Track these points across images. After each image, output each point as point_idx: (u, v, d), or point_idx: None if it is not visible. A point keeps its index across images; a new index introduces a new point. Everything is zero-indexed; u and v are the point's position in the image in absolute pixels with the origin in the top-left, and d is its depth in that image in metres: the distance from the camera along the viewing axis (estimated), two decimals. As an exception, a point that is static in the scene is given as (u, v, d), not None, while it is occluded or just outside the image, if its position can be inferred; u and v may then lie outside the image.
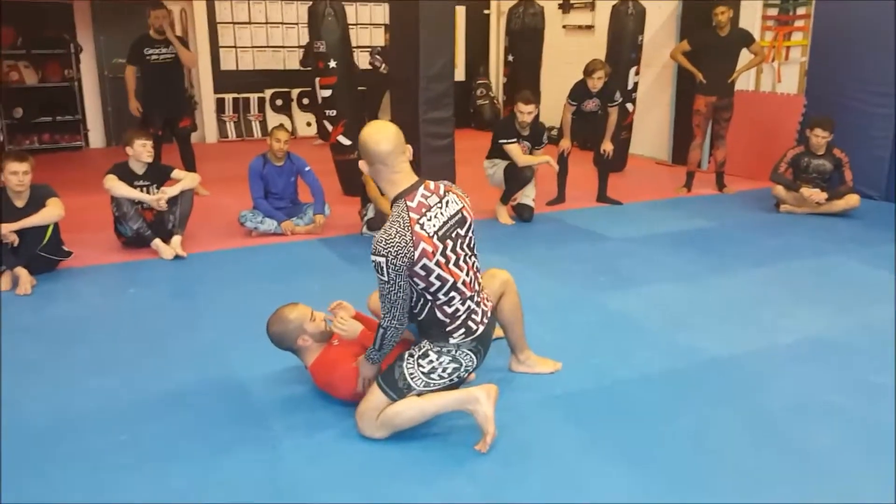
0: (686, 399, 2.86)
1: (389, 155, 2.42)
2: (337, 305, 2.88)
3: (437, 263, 2.41)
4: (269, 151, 5.16)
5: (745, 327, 3.56)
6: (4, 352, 3.28)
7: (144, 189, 4.74)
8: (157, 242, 4.67)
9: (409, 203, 2.41)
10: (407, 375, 2.48)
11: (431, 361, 2.49)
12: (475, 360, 2.56)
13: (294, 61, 9.84)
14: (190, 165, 6.23)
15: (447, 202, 2.49)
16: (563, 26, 9.39)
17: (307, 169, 5.25)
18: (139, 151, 4.67)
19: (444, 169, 5.29)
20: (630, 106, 7.33)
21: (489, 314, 2.62)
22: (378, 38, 9.67)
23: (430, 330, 2.53)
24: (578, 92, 5.97)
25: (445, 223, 2.46)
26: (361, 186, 5.23)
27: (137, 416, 2.73)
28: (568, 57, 8.52)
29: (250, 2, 9.57)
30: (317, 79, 6.18)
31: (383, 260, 2.35)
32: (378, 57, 8.04)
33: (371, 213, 5.11)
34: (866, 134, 6.16)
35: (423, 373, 2.48)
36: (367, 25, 10.13)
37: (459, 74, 10.02)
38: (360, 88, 6.79)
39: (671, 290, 4.11)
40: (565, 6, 9.34)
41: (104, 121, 9.13)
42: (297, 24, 9.75)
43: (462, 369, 2.53)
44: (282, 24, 9.80)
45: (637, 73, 7.33)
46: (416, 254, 2.37)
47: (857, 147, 5.97)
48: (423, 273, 2.41)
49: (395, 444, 2.49)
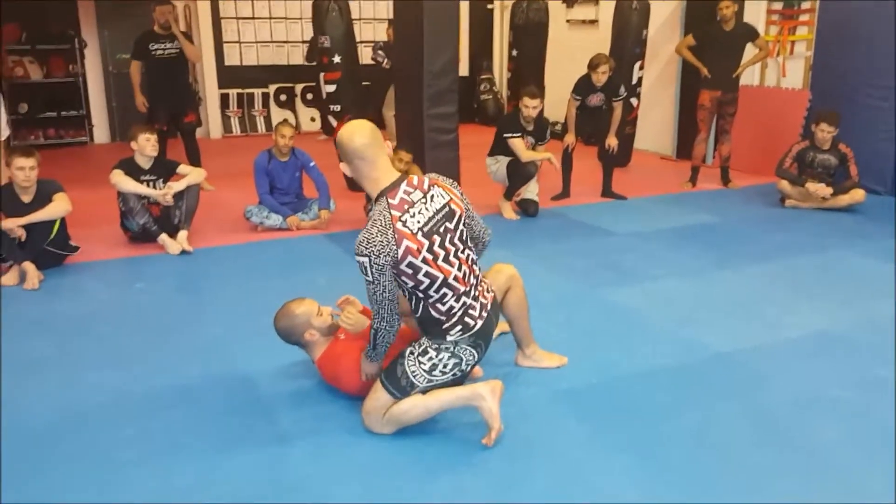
0: (691, 394, 2.87)
1: (367, 148, 2.38)
2: (344, 300, 2.90)
3: (424, 260, 2.39)
4: (274, 147, 5.16)
5: (750, 322, 3.57)
6: (12, 346, 3.30)
7: (150, 184, 4.76)
8: (164, 237, 4.69)
9: (390, 200, 2.38)
10: (409, 373, 2.48)
11: (431, 358, 2.48)
12: (476, 355, 2.55)
13: (298, 56, 9.85)
14: (195, 161, 6.25)
15: (432, 196, 2.45)
16: (567, 21, 9.37)
17: (312, 164, 5.26)
18: (143, 145, 4.69)
19: (449, 164, 5.28)
20: (634, 101, 7.32)
21: (489, 307, 2.58)
22: (382, 34, 9.67)
23: (427, 327, 2.52)
24: (583, 87, 5.97)
25: (431, 218, 2.42)
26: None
27: (144, 410, 2.74)
28: (572, 52, 8.50)
29: (254, -3, 9.60)
30: (321, 74, 6.20)
31: (366, 260, 2.34)
32: (381, 52, 8.03)
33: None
34: (872, 129, 6.15)
35: (424, 370, 2.48)
36: (371, 20, 10.13)
37: (463, 69, 10.02)
38: (364, 83, 6.79)
39: (676, 285, 4.11)
40: (569, 1, 9.33)
41: (109, 116, 9.16)
42: (300, 19, 9.76)
43: (463, 364, 2.52)
44: (285, 19, 9.81)
45: (641, 68, 7.32)
46: (400, 252, 2.34)
47: (862, 142, 5.95)
48: (409, 271, 2.39)
49: (402, 439, 2.50)
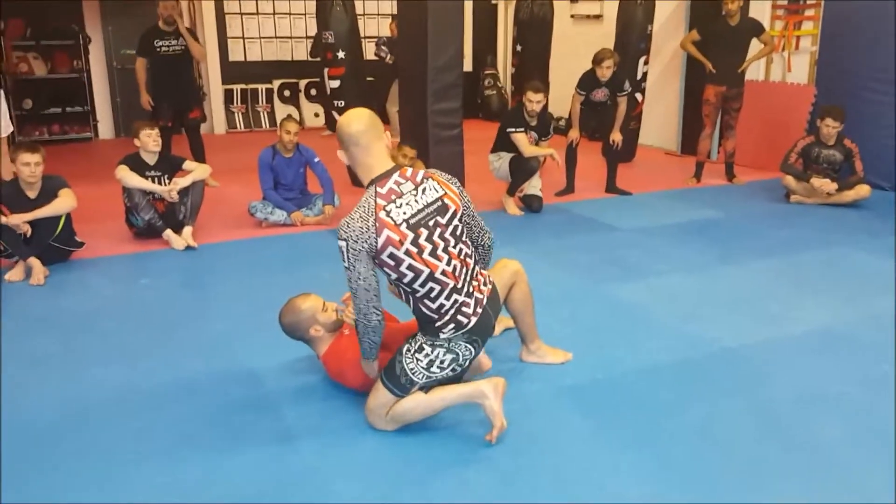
0: (695, 390, 2.87)
1: (362, 134, 2.38)
2: (350, 297, 2.90)
3: (408, 253, 2.35)
4: (279, 143, 5.17)
5: (755, 318, 3.57)
6: (17, 342, 3.32)
7: (156, 180, 4.76)
8: (169, 233, 4.70)
9: (378, 189, 2.37)
10: (408, 370, 2.47)
11: (427, 355, 2.47)
12: (472, 351, 2.52)
13: (302, 52, 9.85)
14: (199, 156, 6.25)
15: (424, 189, 2.42)
16: (572, 16, 9.35)
17: (316, 160, 5.26)
18: (146, 142, 4.69)
19: (453, 159, 5.29)
20: (639, 96, 7.31)
21: (485, 302, 2.55)
22: (386, 29, 9.66)
23: (422, 324, 2.52)
24: (587, 82, 5.96)
25: (420, 211, 2.38)
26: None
27: (149, 405, 2.75)
28: (576, 47, 8.49)
29: (258, -8, 9.59)
30: (325, 69, 6.19)
31: (343, 244, 2.33)
32: (384, 48, 8.03)
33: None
34: (877, 124, 6.13)
35: (422, 367, 2.47)
36: (375, 16, 10.11)
37: (467, 65, 9.97)
38: (368, 79, 6.79)
39: (680, 280, 4.11)
40: (574, -5, 9.31)
41: (113, 112, 9.16)
42: (304, 14, 9.75)
43: (460, 359, 2.50)
44: (289, 14, 9.81)
45: (646, 63, 7.30)
46: (380, 241, 2.32)
47: (868, 137, 5.94)
48: (391, 263, 2.36)
49: (407, 435, 2.51)
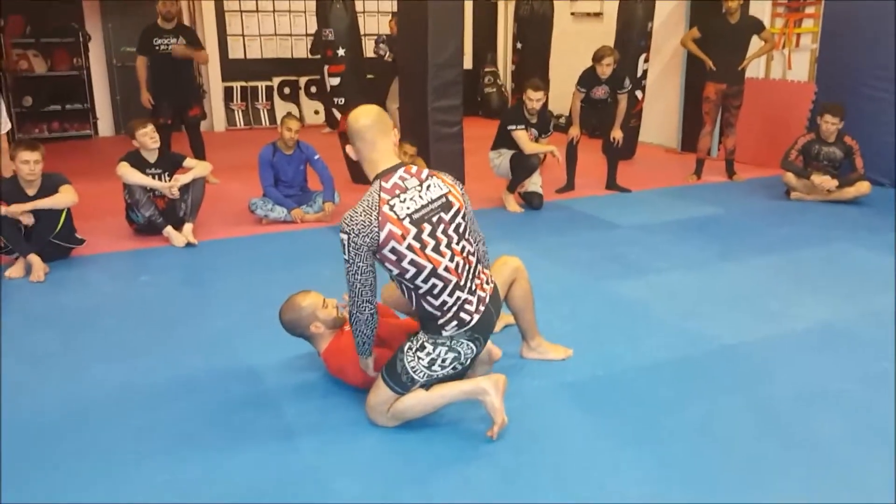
0: (695, 387, 2.87)
1: (367, 130, 2.40)
2: None
3: (410, 248, 2.35)
4: (280, 140, 5.16)
5: (755, 315, 3.57)
6: (17, 339, 3.32)
7: (156, 177, 4.76)
8: (169, 230, 4.70)
9: (383, 184, 2.38)
10: (409, 368, 2.47)
11: (429, 353, 2.46)
12: (474, 349, 2.52)
13: (301, 49, 9.84)
14: (199, 154, 6.25)
15: (428, 186, 2.44)
16: (572, 13, 9.34)
17: (316, 157, 5.26)
18: (143, 141, 4.69)
19: (453, 157, 5.29)
20: (639, 93, 7.30)
21: (487, 300, 2.55)
22: (386, 26, 9.65)
23: (424, 322, 2.51)
24: (587, 79, 5.95)
25: (424, 206, 2.39)
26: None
27: (150, 402, 2.75)
28: (576, 44, 8.48)
29: (258, -10, 9.59)
30: (325, 67, 6.18)
31: (345, 237, 2.34)
32: (383, 45, 8.02)
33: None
34: (878, 121, 6.12)
35: (423, 365, 2.46)
36: (375, 13, 10.10)
37: (467, 62, 9.95)
38: (368, 76, 6.78)
39: (681, 277, 4.11)
40: (574, -7, 9.31)
41: (113, 109, 9.16)
42: (304, 11, 9.74)
43: (462, 357, 2.50)
44: (289, 11, 9.80)
45: (646, 61, 7.29)
46: (382, 235, 2.32)
47: (868, 135, 5.93)
48: (393, 257, 2.36)
49: (408, 432, 2.51)
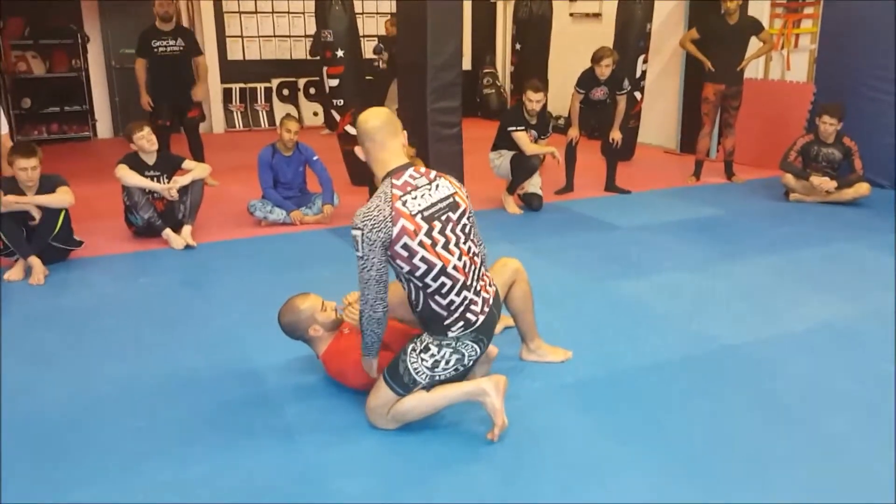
0: (698, 387, 2.87)
1: (377, 130, 2.42)
2: (357, 300, 2.88)
3: (421, 244, 2.36)
4: (279, 141, 5.16)
5: (756, 315, 3.57)
6: (18, 341, 3.31)
7: (155, 179, 4.75)
8: (168, 232, 4.69)
9: (394, 181, 2.40)
10: (411, 370, 2.47)
11: (433, 355, 2.46)
12: (478, 350, 2.53)
13: (300, 51, 9.84)
14: (198, 156, 6.25)
15: (437, 185, 2.46)
16: (571, 14, 9.35)
17: (315, 158, 5.25)
18: (141, 144, 4.68)
19: (453, 158, 5.28)
20: (638, 94, 7.30)
21: (491, 301, 2.57)
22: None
23: (429, 323, 2.50)
24: (586, 80, 5.96)
25: (433, 205, 2.42)
26: (370, 176, 5.22)
27: (151, 404, 2.75)
28: (575, 45, 8.48)
29: (256, -9, 9.59)
30: (324, 68, 6.18)
31: (359, 233, 2.34)
32: (378, 55, 8.07)
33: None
34: (877, 122, 6.13)
35: (426, 367, 2.46)
36: (374, 14, 10.10)
37: (466, 63, 9.98)
38: (367, 78, 6.78)
39: (681, 278, 4.11)
40: (572, -6, 9.31)
41: (111, 111, 9.16)
42: (303, 13, 9.74)
43: (465, 359, 2.51)
44: (288, 13, 9.80)
45: (645, 62, 7.30)
46: (395, 231, 2.34)
47: (867, 136, 5.93)
48: (405, 254, 2.37)
49: (408, 433, 2.51)
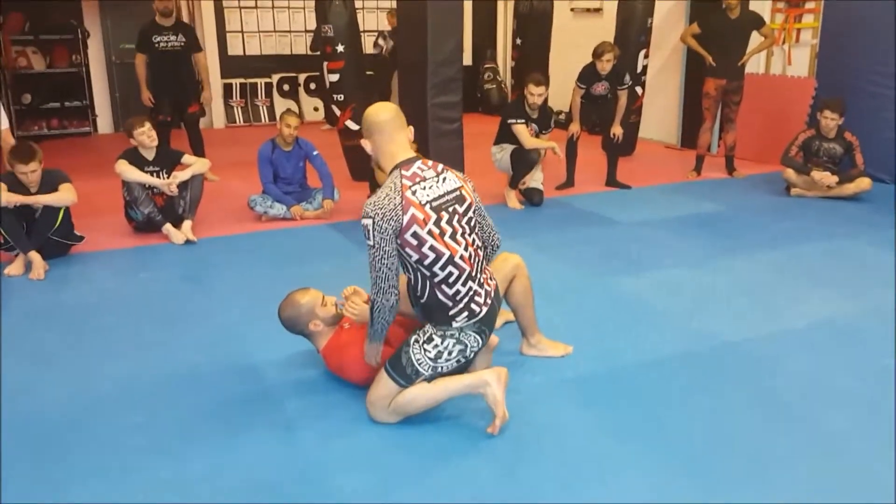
0: (697, 383, 2.86)
1: (386, 123, 2.46)
2: (353, 292, 2.90)
3: (430, 233, 2.39)
4: (279, 136, 5.15)
5: (756, 311, 3.56)
6: (19, 337, 3.31)
7: (155, 174, 4.75)
8: (168, 227, 4.69)
9: (403, 172, 2.43)
10: (414, 361, 2.48)
11: (437, 346, 2.48)
12: (480, 342, 2.55)
13: (301, 46, 9.82)
14: (198, 151, 6.24)
15: (444, 178, 2.50)
16: (572, 9, 9.32)
17: (315, 153, 5.25)
18: (141, 140, 4.68)
19: (453, 153, 5.27)
20: (639, 89, 7.28)
21: (493, 294, 2.59)
22: (385, 22, 9.64)
23: (432, 314, 2.52)
24: (587, 75, 5.94)
25: (441, 196, 2.45)
26: (370, 171, 5.24)
27: (152, 399, 2.75)
28: (576, 40, 8.45)
29: (257, -14, 9.57)
30: (325, 63, 6.17)
31: (370, 222, 2.37)
32: (381, 41, 8.04)
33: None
34: (878, 117, 6.11)
35: (429, 357, 2.48)
36: (375, 10, 10.08)
37: (467, 59, 9.96)
38: (368, 73, 6.77)
39: (681, 273, 4.10)
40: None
41: (112, 106, 9.15)
42: (303, 8, 9.72)
43: (468, 350, 2.52)
44: (288, 8, 9.78)
45: (646, 57, 7.28)
46: (406, 219, 2.36)
47: (868, 130, 5.92)
48: (414, 242, 2.39)
49: (408, 427, 2.51)
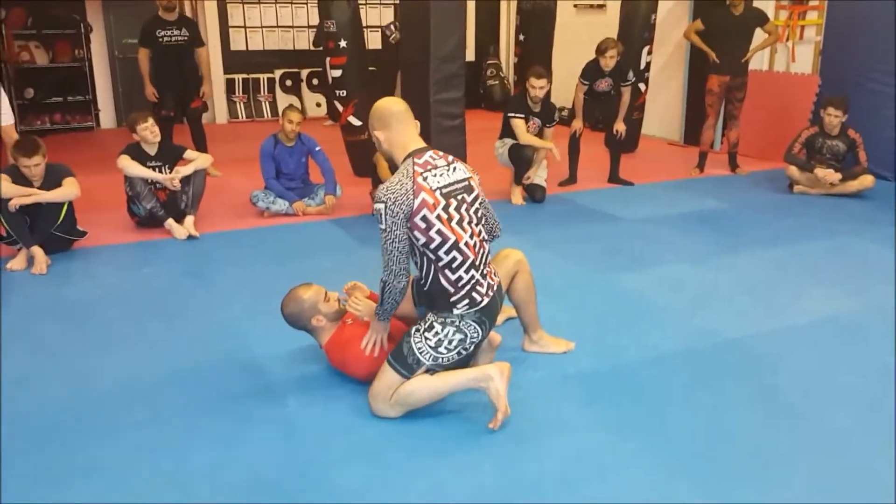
0: (700, 379, 2.86)
1: (402, 114, 2.55)
2: (352, 286, 2.91)
3: (438, 218, 2.45)
4: (281, 132, 5.15)
5: (760, 308, 3.56)
6: (21, 331, 3.32)
7: (157, 169, 4.75)
8: (171, 222, 4.69)
9: (416, 160, 2.50)
10: (415, 350, 2.50)
11: (437, 333, 2.51)
12: (480, 332, 2.56)
13: (303, 41, 9.81)
14: (201, 146, 6.24)
15: (454, 168, 2.56)
16: (575, 5, 9.30)
17: (318, 149, 5.24)
18: (144, 135, 4.68)
19: (455, 149, 5.24)
20: (642, 86, 7.27)
21: (495, 288, 2.62)
22: (388, 18, 9.63)
23: (435, 300, 2.55)
24: (591, 71, 5.93)
25: (451, 184, 2.51)
26: (372, 167, 5.23)
27: (154, 394, 2.75)
28: (579, 36, 8.44)
29: (259, -19, 9.55)
30: (327, 59, 6.16)
31: (382, 206, 2.43)
32: (391, 27, 8.04)
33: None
34: (881, 114, 6.10)
35: (430, 346, 2.50)
36: (377, 5, 10.07)
37: (469, 55, 9.96)
38: (370, 68, 6.76)
39: (684, 270, 4.10)
40: (577, -15, 9.27)
41: (115, 101, 9.15)
42: (306, 3, 9.71)
43: (468, 341, 2.54)
44: (291, 3, 9.76)
45: (650, 53, 7.27)
46: (416, 203, 2.42)
47: (872, 128, 5.91)
48: (423, 225, 2.44)
49: (410, 421, 2.51)
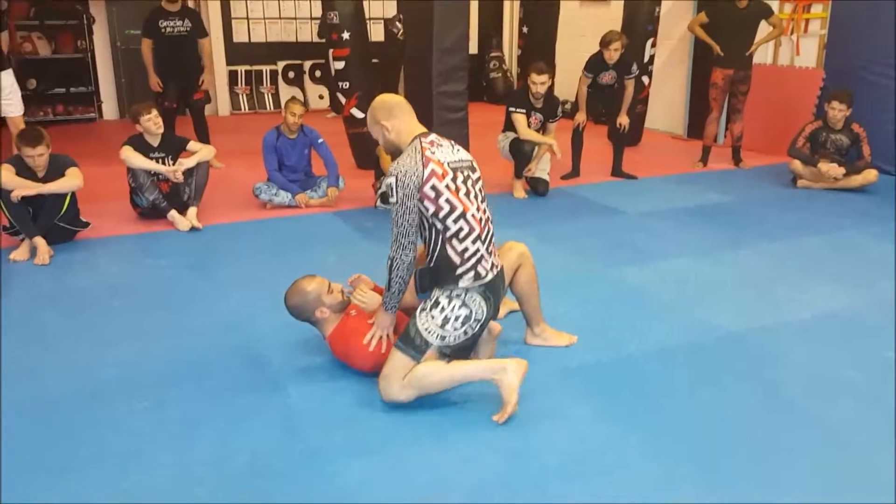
0: (702, 373, 2.86)
1: (404, 103, 2.66)
2: (356, 279, 2.92)
3: (447, 187, 2.51)
4: (283, 124, 5.14)
5: (762, 302, 3.56)
6: (23, 321, 3.33)
7: (160, 161, 4.75)
8: (173, 214, 4.69)
9: (423, 139, 2.58)
10: (422, 330, 2.51)
11: (443, 309, 2.52)
12: (485, 309, 2.57)
13: (306, 33, 9.79)
14: (203, 138, 6.24)
15: (458, 149, 2.67)
16: (579, -2, 9.27)
17: (320, 141, 5.24)
18: (147, 126, 4.68)
19: (458, 142, 5.23)
20: (646, 79, 7.25)
21: (499, 268, 2.66)
22: (391, 11, 9.60)
23: (441, 273, 2.56)
24: (594, 64, 5.91)
25: (457, 160, 2.60)
26: (375, 159, 5.23)
27: (158, 384, 2.76)
28: (583, 29, 8.42)
29: (262, -27, 9.52)
30: (330, 50, 6.15)
31: (393, 179, 2.50)
32: (398, 24, 8.01)
33: (385, 187, 5.12)
34: (886, 109, 6.08)
35: (436, 324, 2.52)
36: (381, -3, 10.05)
37: (472, 47, 9.92)
38: (373, 61, 6.75)
39: (687, 264, 4.10)
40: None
41: (117, 92, 9.14)
42: (309, -5, 9.69)
43: (472, 319, 2.54)
44: (294, -5, 9.74)
45: (653, 46, 7.24)
46: (426, 173, 2.48)
47: (876, 122, 5.89)
48: (432, 195, 2.49)
49: (414, 412, 2.52)
